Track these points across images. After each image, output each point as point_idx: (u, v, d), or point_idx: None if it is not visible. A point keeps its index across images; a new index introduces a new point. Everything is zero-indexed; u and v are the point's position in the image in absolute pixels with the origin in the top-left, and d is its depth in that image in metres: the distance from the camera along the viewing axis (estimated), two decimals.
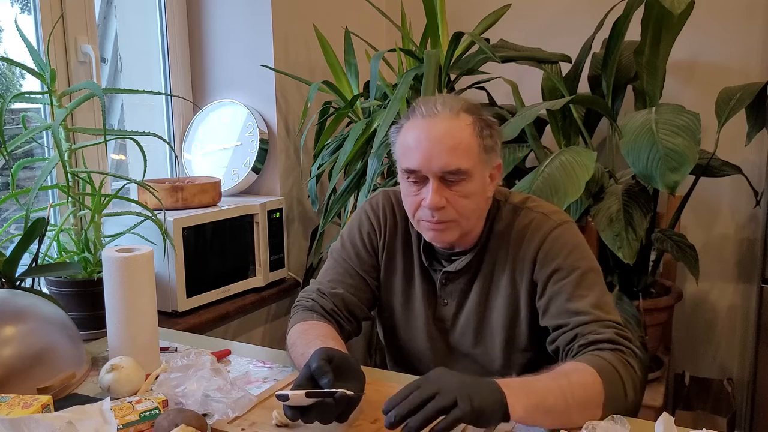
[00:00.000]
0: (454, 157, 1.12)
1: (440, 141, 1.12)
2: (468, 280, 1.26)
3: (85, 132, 1.57)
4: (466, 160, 1.13)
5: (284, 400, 0.93)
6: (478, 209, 1.19)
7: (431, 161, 1.13)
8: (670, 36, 1.96)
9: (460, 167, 1.12)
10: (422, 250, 1.29)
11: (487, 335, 1.26)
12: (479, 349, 1.27)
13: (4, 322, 1.14)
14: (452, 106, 1.15)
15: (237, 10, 2.15)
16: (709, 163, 2.05)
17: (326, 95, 2.19)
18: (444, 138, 1.13)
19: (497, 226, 1.24)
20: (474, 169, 1.14)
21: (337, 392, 0.93)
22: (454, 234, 1.19)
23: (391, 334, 1.37)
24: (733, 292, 2.42)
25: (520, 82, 2.17)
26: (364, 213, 1.35)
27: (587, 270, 1.17)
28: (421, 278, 1.30)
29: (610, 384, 1.01)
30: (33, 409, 0.96)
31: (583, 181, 1.57)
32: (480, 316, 1.26)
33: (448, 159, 1.12)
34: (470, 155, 1.14)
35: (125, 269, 1.20)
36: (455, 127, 1.14)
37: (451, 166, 1.12)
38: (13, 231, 1.52)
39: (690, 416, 2.20)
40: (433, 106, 1.15)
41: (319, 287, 1.31)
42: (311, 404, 0.93)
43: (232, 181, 2.13)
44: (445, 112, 1.14)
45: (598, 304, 1.13)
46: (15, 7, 1.77)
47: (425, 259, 1.29)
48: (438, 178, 1.13)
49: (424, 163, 1.13)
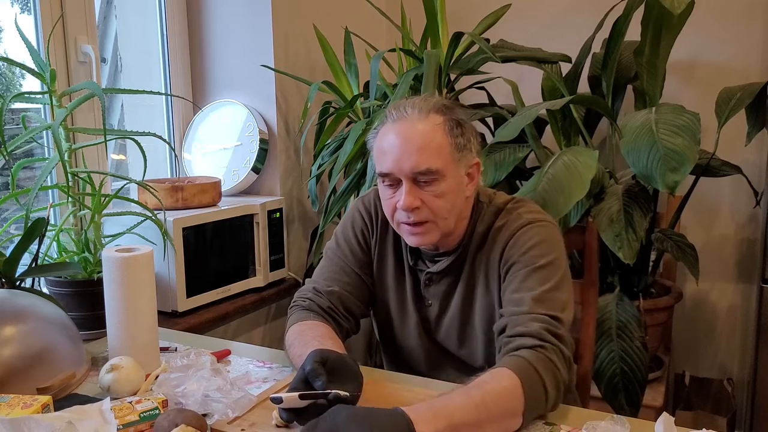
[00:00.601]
0: (424, 157, 1.13)
1: (409, 142, 1.14)
2: (451, 282, 1.27)
3: (85, 132, 1.57)
4: (436, 159, 1.14)
5: (278, 403, 0.93)
6: (454, 208, 1.19)
7: (401, 163, 1.14)
8: (670, 36, 1.96)
9: (430, 167, 1.13)
10: (409, 249, 1.30)
11: (469, 337, 1.27)
12: (464, 350, 1.28)
13: (4, 322, 1.14)
14: (421, 107, 1.16)
15: (237, 10, 2.15)
16: (709, 163, 2.05)
17: (326, 95, 2.19)
18: (413, 139, 1.14)
19: (479, 227, 1.24)
20: (446, 168, 1.15)
21: (331, 393, 0.93)
22: (434, 236, 1.19)
23: (385, 331, 1.37)
24: (733, 292, 2.42)
25: (520, 82, 2.17)
26: (356, 210, 1.37)
27: (544, 265, 1.15)
28: (410, 277, 1.31)
29: (530, 387, 0.99)
30: (33, 409, 0.96)
31: (587, 179, 1.57)
32: (462, 318, 1.26)
33: (417, 159, 1.13)
34: (441, 155, 1.14)
35: (125, 269, 1.20)
36: (424, 128, 1.15)
37: (421, 166, 1.13)
38: (13, 231, 1.52)
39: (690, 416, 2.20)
40: (403, 109, 1.17)
41: (315, 286, 1.31)
42: (306, 406, 0.93)
43: (232, 181, 2.13)
44: (414, 113, 1.16)
45: (540, 298, 1.11)
46: (15, 7, 1.77)
47: (410, 259, 1.30)
48: (410, 179, 1.15)
49: (395, 165, 1.15)
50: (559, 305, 1.12)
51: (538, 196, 1.61)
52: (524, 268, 1.16)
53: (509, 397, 0.98)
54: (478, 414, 0.94)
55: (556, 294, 1.14)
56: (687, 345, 2.51)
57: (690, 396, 2.39)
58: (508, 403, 0.98)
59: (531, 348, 1.05)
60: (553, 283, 1.14)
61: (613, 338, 1.87)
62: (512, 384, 0.98)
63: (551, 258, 1.17)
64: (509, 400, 0.98)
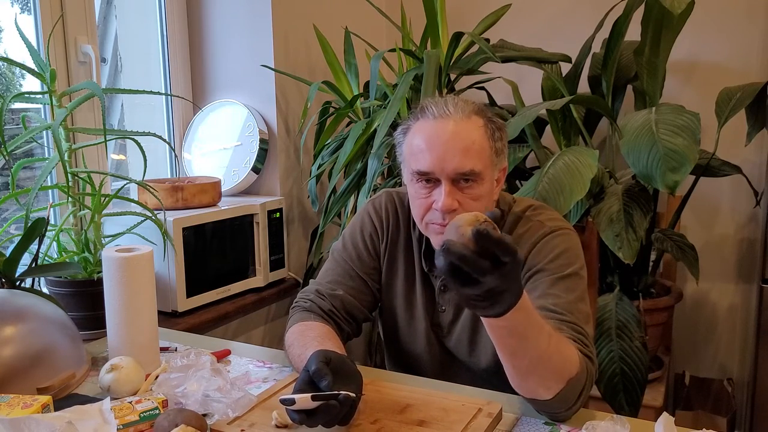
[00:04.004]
0: (468, 159, 1.11)
1: (454, 142, 1.11)
2: None
3: (85, 132, 1.57)
4: (478, 161, 1.12)
5: (290, 405, 0.93)
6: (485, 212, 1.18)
7: (444, 163, 1.11)
8: (670, 36, 1.96)
9: (474, 169, 1.11)
10: (423, 254, 1.28)
11: (480, 344, 1.26)
12: (474, 357, 1.27)
13: (4, 322, 1.14)
14: (463, 108, 1.14)
15: (237, 10, 2.15)
16: (709, 163, 2.05)
17: (326, 95, 2.19)
18: (457, 139, 1.11)
19: None
20: (485, 171, 1.14)
21: (341, 394, 0.93)
22: None
23: (391, 336, 1.36)
24: (733, 292, 2.42)
25: (520, 82, 2.17)
26: (366, 214, 1.34)
27: (570, 274, 1.14)
28: (422, 283, 1.30)
29: (581, 372, 1.00)
30: (33, 409, 0.96)
31: (587, 179, 1.57)
32: (474, 325, 1.25)
33: (461, 161, 1.11)
34: (482, 157, 1.13)
35: (125, 269, 1.20)
36: (468, 129, 1.13)
37: (465, 167, 1.11)
38: (13, 231, 1.52)
39: (690, 416, 2.20)
40: (444, 107, 1.14)
41: (318, 288, 1.30)
42: (316, 407, 0.93)
43: (232, 181, 2.13)
44: (458, 113, 1.13)
45: (569, 309, 1.10)
46: (15, 7, 1.77)
47: (425, 265, 1.28)
48: (450, 180, 1.12)
49: (437, 164, 1.12)
50: (583, 317, 1.11)
51: (538, 196, 1.61)
52: (551, 275, 1.14)
53: (568, 362, 0.98)
54: (540, 334, 0.93)
55: (582, 306, 1.13)
56: (687, 345, 2.51)
57: (690, 396, 2.39)
58: (562, 367, 0.98)
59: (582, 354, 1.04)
60: (578, 294, 1.13)
61: (613, 338, 1.87)
62: (573, 357, 0.99)
63: (576, 268, 1.16)
64: (566, 366, 0.98)
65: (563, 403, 1.00)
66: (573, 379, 0.98)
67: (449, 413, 1.03)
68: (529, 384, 0.99)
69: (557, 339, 0.98)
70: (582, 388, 1.02)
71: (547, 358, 0.96)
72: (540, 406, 1.02)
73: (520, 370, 0.97)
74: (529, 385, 0.99)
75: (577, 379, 1.00)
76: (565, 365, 0.98)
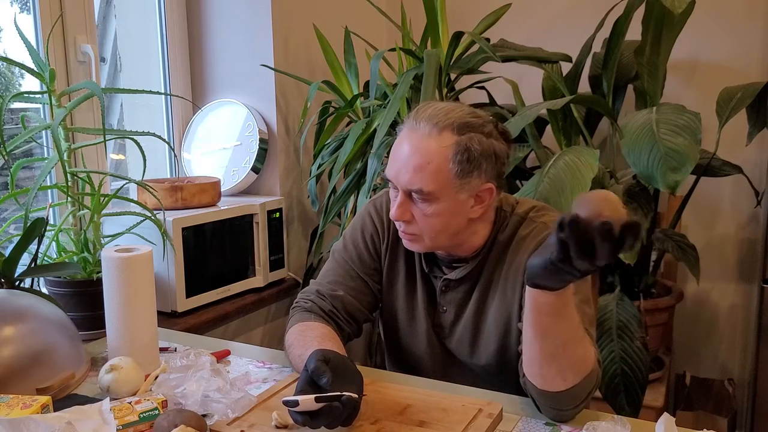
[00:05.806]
0: (418, 178, 1.12)
1: (409, 159, 1.12)
2: (467, 289, 1.25)
3: (84, 132, 1.56)
4: (431, 182, 1.11)
5: (293, 406, 0.92)
6: (447, 229, 1.16)
7: (399, 175, 1.14)
8: (671, 35, 1.96)
9: (423, 188, 1.12)
10: (423, 255, 1.28)
11: (482, 345, 1.25)
12: (475, 358, 1.27)
13: (4, 322, 1.14)
14: (439, 121, 1.12)
15: (237, 10, 2.15)
16: (709, 163, 2.05)
17: (326, 95, 2.19)
18: (415, 156, 1.12)
19: (501, 236, 1.22)
20: (440, 192, 1.12)
21: (344, 395, 0.92)
22: (423, 246, 1.20)
23: (392, 336, 1.36)
24: (734, 292, 2.42)
25: (520, 82, 2.17)
26: (367, 214, 1.34)
27: None
28: (423, 283, 1.29)
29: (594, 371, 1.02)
30: (32, 410, 0.96)
31: (588, 179, 1.57)
32: (476, 325, 1.25)
33: (411, 178, 1.12)
34: (438, 178, 1.11)
35: (125, 269, 1.20)
36: (428, 148, 1.11)
37: (414, 185, 1.12)
38: (13, 231, 1.52)
39: (691, 416, 2.20)
40: (419, 119, 1.14)
41: (319, 288, 1.29)
42: (319, 408, 0.93)
43: (231, 181, 2.13)
44: (428, 128, 1.12)
45: None
46: (14, 7, 1.76)
47: (426, 266, 1.28)
48: (405, 192, 1.15)
49: (394, 174, 1.15)
50: (588, 319, 1.11)
51: (539, 196, 1.61)
52: None
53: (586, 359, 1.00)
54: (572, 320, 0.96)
55: (586, 308, 1.12)
56: (688, 345, 2.50)
57: (691, 396, 2.39)
58: (583, 357, 0.99)
59: None
60: (582, 296, 1.12)
61: (613, 338, 1.86)
62: (591, 355, 1.01)
63: None
64: (585, 355, 1.00)
65: (574, 398, 1.01)
66: (588, 376, 1.00)
67: (450, 414, 1.03)
68: (549, 371, 0.99)
69: (582, 333, 1.00)
70: (592, 387, 1.02)
71: (573, 347, 0.97)
72: (549, 400, 1.02)
73: (546, 353, 0.97)
74: (548, 373, 0.99)
75: (590, 377, 1.01)
76: (584, 359, 1.00)
